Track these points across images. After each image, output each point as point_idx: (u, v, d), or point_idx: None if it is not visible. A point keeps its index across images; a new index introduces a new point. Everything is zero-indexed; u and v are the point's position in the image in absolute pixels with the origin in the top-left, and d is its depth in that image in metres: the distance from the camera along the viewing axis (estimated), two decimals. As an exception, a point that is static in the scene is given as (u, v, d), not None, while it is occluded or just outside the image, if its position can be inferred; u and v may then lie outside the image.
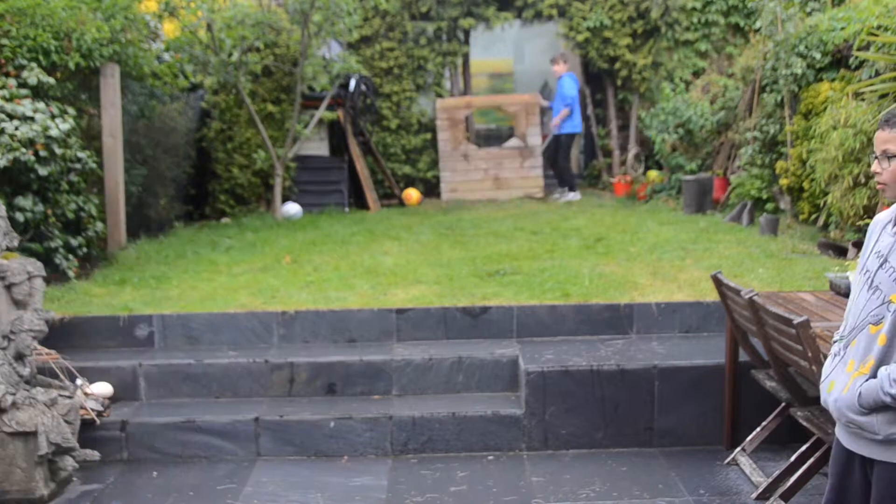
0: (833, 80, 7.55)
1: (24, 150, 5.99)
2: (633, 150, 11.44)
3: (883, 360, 2.49)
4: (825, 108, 7.13)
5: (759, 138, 8.61)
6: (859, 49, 6.79)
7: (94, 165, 6.77)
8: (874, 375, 2.49)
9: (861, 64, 7.01)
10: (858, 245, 6.28)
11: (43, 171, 6.10)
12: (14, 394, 4.30)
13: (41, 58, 6.64)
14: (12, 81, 6.33)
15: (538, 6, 11.47)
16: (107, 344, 5.50)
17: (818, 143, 6.95)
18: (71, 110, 6.58)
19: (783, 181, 8.04)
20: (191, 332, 5.48)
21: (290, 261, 7.12)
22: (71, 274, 6.44)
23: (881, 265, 2.53)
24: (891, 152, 2.57)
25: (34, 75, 6.41)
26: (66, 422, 4.46)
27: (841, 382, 2.59)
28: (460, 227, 8.64)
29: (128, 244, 7.51)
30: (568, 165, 10.96)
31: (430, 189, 11.47)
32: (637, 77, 11.39)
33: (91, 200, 6.82)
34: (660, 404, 4.86)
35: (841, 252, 6.65)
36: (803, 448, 4.05)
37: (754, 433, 4.58)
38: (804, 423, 3.84)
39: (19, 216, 6.04)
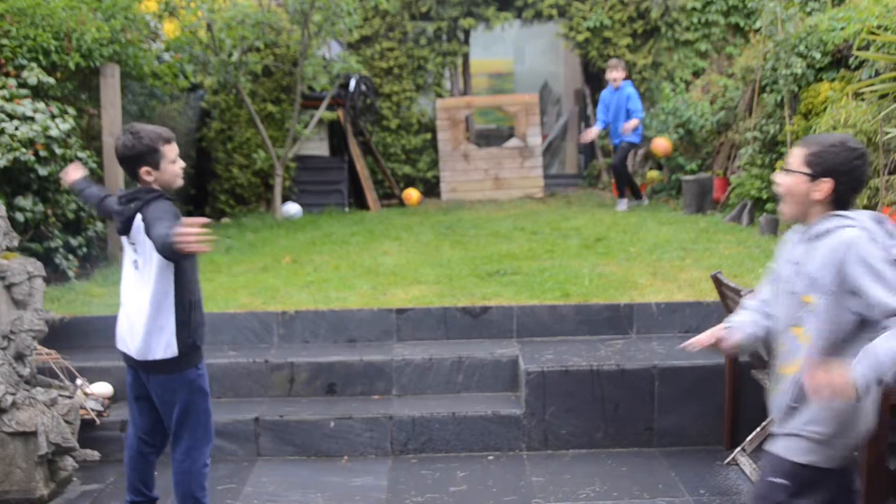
0: (833, 80, 7.55)
1: (24, 150, 5.99)
2: (633, 150, 11.43)
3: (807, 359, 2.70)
4: (825, 108, 7.13)
5: (759, 138, 8.61)
6: (859, 49, 6.79)
7: (94, 165, 6.77)
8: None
9: (861, 64, 7.01)
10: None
11: (43, 171, 6.10)
12: (14, 394, 4.30)
13: (41, 58, 6.64)
14: (12, 81, 6.34)
15: (538, 6, 11.48)
16: (107, 344, 5.46)
17: (818, 143, 6.94)
18: (71, 110, 6.59)
19: (783, 181, 8.03)
20: (191, 332, 5.47)
21: (290, 261, 7.12)
22: (71, 274, 6.44)
23: (796, 272, 2.77)
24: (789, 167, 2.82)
25: (34, 75, 6.41)
26: (66, 422, 4.46)
27: (775, 384, 2.86)
28: (460, 227, 8.64)
29: (128, 244, 7.49)
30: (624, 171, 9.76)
31: (430, 189, 11.47)
32: (637, 77, 11.38)
33: (91, 200, 6.82)
34: (660, 404, 4.86)
35: (841, 252, 6.64)
36: (803, 448, 4.04)
37: (754, 433, 4.58)
38: (804, 423, 3.83)
39: (19, 216, 6.04)
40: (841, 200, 2.72)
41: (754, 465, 4.45)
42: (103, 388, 5.02)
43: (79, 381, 4.99)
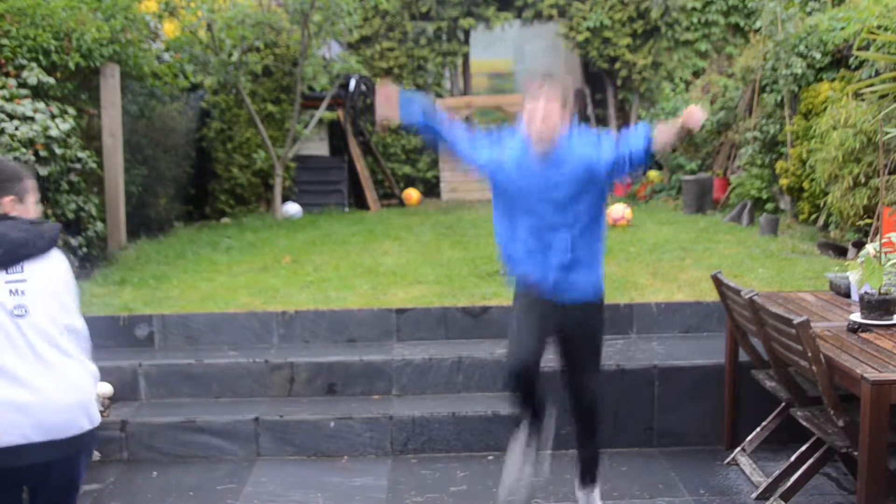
0: (833, 80, 7.56)
1: (24, 150, 5.99)
2: (633, 150, 11.43)
3: None
4: (825, 108, 7.13)
5: (759, 138, 8.62)
6: (859, 49, 6.79)
7: (94, 165, 6.77)
8: None
9: (861, 64, 7.01)
10: (859, 245, 6.28)
11: (43, 171, 6.10)
12: (14, 394, 4.29)
13: (41, 58, 6.64)
14: (12, 81, 6.34)
15: (538, 6, 11.48)
16: (107, 344, 5.48)
17: (818, 143, 6.95)
18: (71, 110, 6.59)
19: (783, 181, 8.04)
20: (191, 332, 5.48)
21: (290, 261, 7.12)
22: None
23: None
24: None
25: (34, 75, 6.41)
26: (66, 422, 4.45)
27: None
28: (460, 227, 8.64)
29: (128, 244, 7.51)
30: None
31: (430, 189, 11.48)
32: (637, 77, 11.39)
33: (91, 200, 6.82)
34: (660, 404, 4.86)
35: (841, 252, 6.65)
36: (803, 448, 4.04)
37: (754, 433, 4.58)
38: (804, 423, 3.84)
39: (19, 216, 6.04)
40: None
41: (754, 465, 4.45)
42: (103, 388, 5.01)
43: (79, 381, 4.98)
